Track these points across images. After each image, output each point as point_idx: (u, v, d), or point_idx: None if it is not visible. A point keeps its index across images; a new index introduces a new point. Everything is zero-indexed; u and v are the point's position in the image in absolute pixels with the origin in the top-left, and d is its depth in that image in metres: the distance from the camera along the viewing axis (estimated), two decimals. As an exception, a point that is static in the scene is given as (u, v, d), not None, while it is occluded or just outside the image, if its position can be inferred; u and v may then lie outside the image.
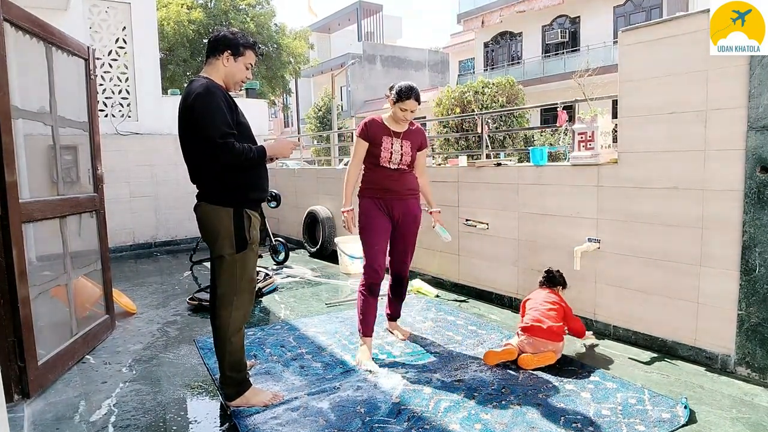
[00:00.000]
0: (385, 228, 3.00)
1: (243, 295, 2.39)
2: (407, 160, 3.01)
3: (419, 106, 2.95)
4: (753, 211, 2.56)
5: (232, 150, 2.19)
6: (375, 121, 3.02)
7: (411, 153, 3.02)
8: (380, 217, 2.99)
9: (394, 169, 2.99)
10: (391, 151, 2.97)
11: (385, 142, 2.96)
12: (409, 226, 3.08)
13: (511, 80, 11.64)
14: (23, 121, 2.80)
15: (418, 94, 2.96)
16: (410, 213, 3.05)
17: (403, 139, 3.01)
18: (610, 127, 3.40)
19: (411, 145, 3.03)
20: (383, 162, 2.97)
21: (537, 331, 2.80)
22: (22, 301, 2.55)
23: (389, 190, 3.00)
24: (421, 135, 3.12)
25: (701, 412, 2.30)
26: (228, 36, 2.38)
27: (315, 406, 2.43)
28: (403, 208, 3.03)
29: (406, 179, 3.04)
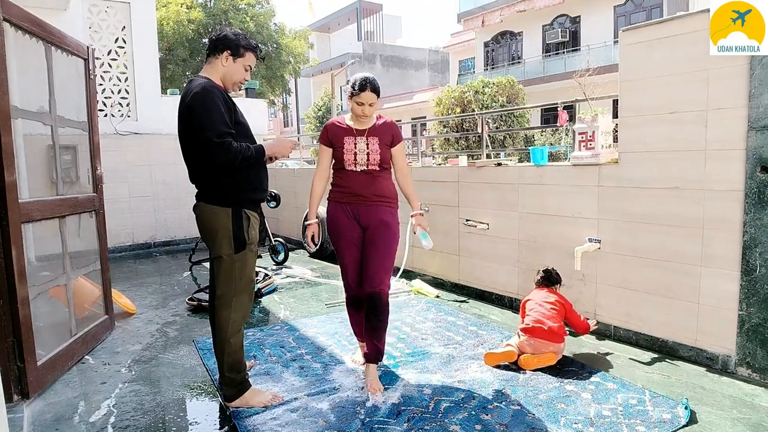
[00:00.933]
0: (355, 237, 2.69)
1: (242, 295, 2.39)
2: (376, 159, 2.65)
3: (377, 98, 2.64)
4: (753, 212, 2.56)
5: (230, 149, 2.18)
6: (334, 123, 2.75)
7: (380, 151, 2.66)
8: (348, 224, 2.69)
9: (361, 172, 2.66)
10: (355, 152, 2.65)
11: (348, 143, 2.65)
12: (381, 233, 2.67)
13: (512, 80, 11.65)
14: (23, 121, 2.79)
15: (376, 84, 2.62)
16: (379, 220, 2.67)
17: (369, 137, 2.67)
18: (610, 127, 3.39)
19: (379, 141, 2.67)
20: (348, 165, 2.66)
21: (538, 332, 2.80)
22: (21, 302, 2.54)
23: (354, 195, 2.68)
24: (391, 128, 2.74)
25: (702, 412, 2.29)
26: (229, 36, 2.37)
27: (315, 407, 2.43)
28: (370, 215, 2.67)
29: (376, 184, 2.68)
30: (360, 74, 2.64)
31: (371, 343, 2.66)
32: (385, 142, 2.70)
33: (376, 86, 2.63)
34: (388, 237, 2.68)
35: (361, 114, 2.63)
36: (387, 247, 2.68)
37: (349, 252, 2.70)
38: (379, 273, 2.64)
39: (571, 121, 4.16)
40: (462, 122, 10.69)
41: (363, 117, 2.65)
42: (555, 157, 8.20)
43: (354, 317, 2.88)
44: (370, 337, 2.66)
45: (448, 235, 4.49)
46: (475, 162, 4.28)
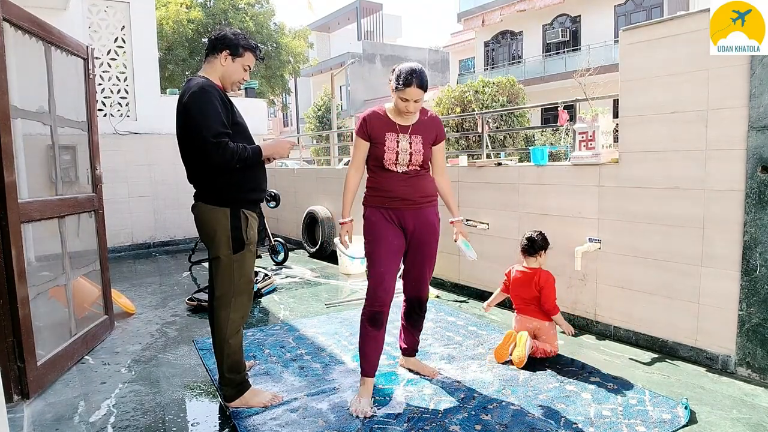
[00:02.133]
0: (396, 245, 2.46)
1: (241, 296, 2.38)
2: (419, 160, 2.44)
3: (425, 93, 2.36)
4: (754, 212, 2.55)
5: (225, 149, 2.17)
6: (376, 114, 2.48)
7: (423, 151, 2.44)
8: (390, 230, 2.45)
9: (403, 173, 2.44)
10: (397, 151, 2.41)
11: (389, 140, 2.41)
12: (427, 238, 2.52)
13: (512, 79, 11.64)
14: (22, 121, 2.79)
15: (423, 78, 2.32)
16: (427, 223, 2.50)
17: (412, 135, 2.44)
18: (611, 127, 3.39)
19: (423, 140, 2.45)
20: (388, 165, 2.42)
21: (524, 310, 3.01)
22: (21, 302, 2.54)
23: (399, 199, 2.44)
24: (436, 126, 2.53)
25: (702, 412, 2.29)
26: (228, 36, 2.36)
27: (314, 407, 2.43)
28: (418, 218, 2.47)
29: (419, 184, 2.48)
30: (406, 65, 2.35)
31: (413, 339, 2.76)
32: (429, 140, 2.49)
33: (425, 80, 2.33)
34: (435, 242, 2.57)
35: (405, 111, 2.39)
36: (434, 253, 2.58)
37: (389, 262, 2.43)
38: (426, 279, 2.61)
39: (571, 121, 4.16)
40: (462, 122, 10.68)
41: (408, 114, 2.42)
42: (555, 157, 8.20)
43: (372, 339, 2.45)
44: (412, 334, 2.74)
45: (448, 235, 4.48)
46: (475, 162, 4.28)
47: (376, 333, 2.45)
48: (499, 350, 2.90)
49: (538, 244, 3.06)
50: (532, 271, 3.01)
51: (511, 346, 2.89)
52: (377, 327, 2.44)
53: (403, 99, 2.35)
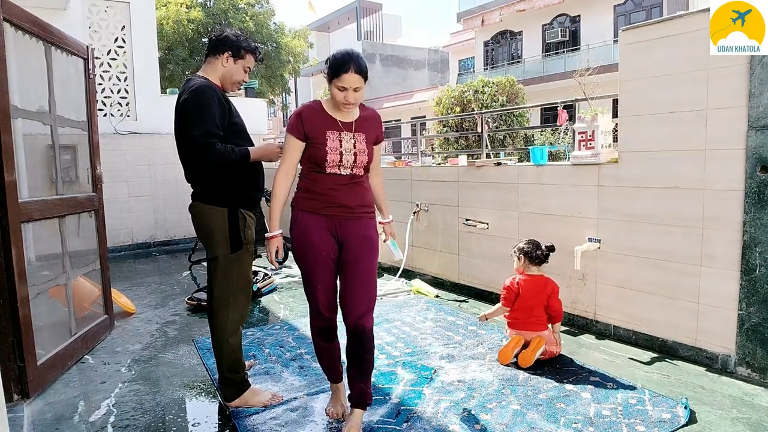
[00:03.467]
0: (330, 256, 2.16)
1: (239, 295, 2.39)
2: (364, 161, 2.15)
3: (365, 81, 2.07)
4: (753, 211, 2.56)
5: (212, 150, 2.19)
6: (311, 108, 2.15)
7: (368, 151, 2.16)
8: (324, 240, 2.14)
9: (346, 176, 2.14)
10: (341, 151, 2.10)
11: (331, 140, 2.10)
12: (363, 254, 2.16)
13: (512, 79, 11.63)
14: (22, 121, 2.79)
15: (361, 63, 2.05)
16: (365, 238, 2.17)
17: (356, 132, 2.15)
18: (610, 127, 3.39)
19: (366, 139, 2.17)
20: (330, 168, 2.11)
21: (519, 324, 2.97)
22: (21, 301, 2.54)
23: (337, 205, 2.14)
24: (378, 122, 2.27)
25: (701, 412, 2.30)
26: (230, 37, 2.39)
27: (314, 407, 2.43)
28: (354, 231, 2.16)
29: (360, 191, 2.18)
30: (341, 50, 2.08)
31: (358, 386, 2.19)
32: (371, 139, 2.21)
33: (363, 65, 2.06)
34: (372, 256, 2.20)
35: (344, 102, 2.07)
36: (371, 270, 2.20)
37: (323, 273, 2.16)
38: (364, 302, 2.15)
39: (570, 121, 4.16)
40: (462, 122, 10.68)
41: (348, 107, 2.09)
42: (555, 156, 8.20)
43: (325, 351, 2.31)
44: (356, 380, 2.19)
45: (448, 234, 4.49)
46: (474, 161, 4.28)
47: (328, 345, 2.29)
48: (504, 352, 2.89)
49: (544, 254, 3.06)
50: (541, 278, 3.02)
51: (517, 351, 2.88)
52: (328, 340, 2.28)
53: (341, 88, 2.04)
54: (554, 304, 2.96)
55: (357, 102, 2.10)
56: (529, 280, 2.99)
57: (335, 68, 2.02)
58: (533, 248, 3.04)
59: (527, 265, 3.04)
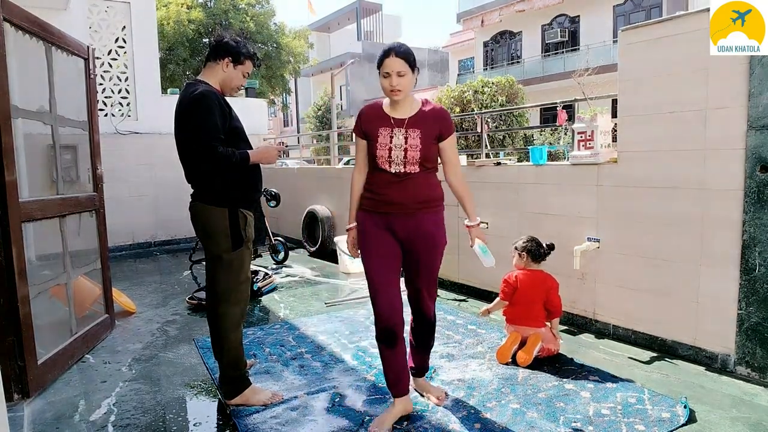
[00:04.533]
0: (390, 252, 2.20)
1: (239, 291, 2.43)
2: (415, 157, 2.11)
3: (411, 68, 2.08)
4: (753, 211, 2.56)
5: (214, 154, 2.24)
6: (371, 107, 2.23)
7: (421, 147, 2.11)
8: (381, 237, 2.19)
9: (396, 174, 2.13)
10: (390, 147, 2.11)
11: (382, 136, 2.13)
12: (421, 249, 2.20)
13: (511, 79, 11.65)
14: (23, 121, 2.80)
15: (403, 48, 2.07)
16: (420, 233, 2.18)
17: (409, 128, 2.12)
18: (609, 127, 3.40)
19: (422, 134, 2.11)
20: (381, 163, 2.14)
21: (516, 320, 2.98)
22: (21, 300, 2.55)
23: (389, 203, 2.16)
24: (440, 119, 2.17)
25: (701, 411, 2.30)
26: (230, 43, 2.44)
27: (315, 406, 2.43)
28: (409, 226, 2.16)
29: (415, 187, 2.15)
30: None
31: (420, 357, 2.44)
32: (430, 135, 2.14)
33: (404, 50, 2.06)
34: (435, 256, 2.24)
35: (390, 89, 2.08)
36: (432, 268, 2.26)
37: (381, 274, 2.18)
38: (424, 296, 2.28)
39: (570, 121, 4.17)
40: (461, 122, 10.69)
41: (395, 93, 2.08)
42: (554, 156, 8.21)
43: (390, 358, 2.24)
44: (419, 352, 2.42)
45: (448, 234, 4.48)
46: (474, 161, 4.29)
47: (389, 351, 2.22)
48: (502, 351, 2.90)
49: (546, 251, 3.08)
50: (541, 273, 3.03)
51: (515, 348, 2.89)
52: (389, 344, 2.21)
53: (385, 74, 2.07)
54: (553, 299, 2.97)
55: (405, 89, 2.09)
56: (529, 274, 3.01)
57: (379, 58, 2.08)
58: (536, 246, 3.05)
59: (528, 262, 3.05)
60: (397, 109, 2.16)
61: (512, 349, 2.88)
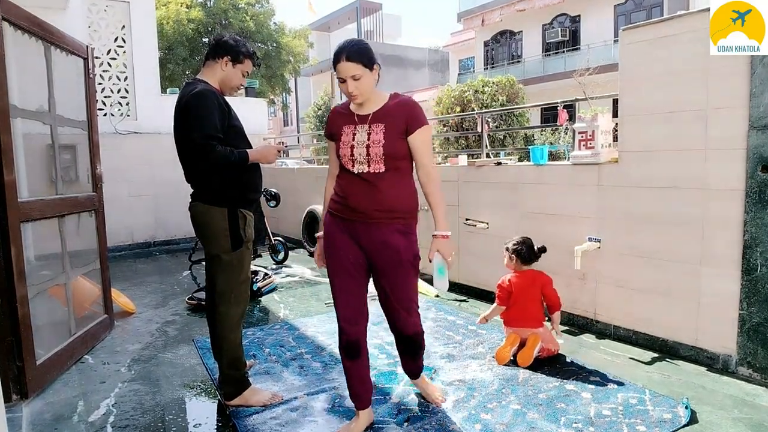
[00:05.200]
0: (352, 260, 2.06)
1: (239, 291, 2.42)
2: (378, 153, 1.94)
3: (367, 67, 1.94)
4: (754, 211, 2.55)
5: (212, 152, 2.22)
6: (336, 108, 2.14)
7: (384, 142, 1.94)
8: (345, 243, 2.05)
9: (359, 175, 1.98)
10: (352, 144, 1.97)
11: (345, 134, 2.02)
12: (383, 263, 2.03)
13: (512, 79, 11.63)
14: (22, 120, 2.79)
15: (354, 49, 1.92)
16: (382, 245, 2.01)
17: (372, 124, 1.97)
18: (610, 126, 3.39)
19: (385, 129, 1.95)
20: (345, 163, 2.01)
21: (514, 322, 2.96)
22: (20, 301, 2.54)
23: (351, 209, 2.01)
24: (406, 110, 2.00)
25: (703, 412, 2.29)
26: (230, 42, 2.44)
27: (314, 407, 2.42)
28: (372, 237, 2.00)
29: (380, 192, 1.97)
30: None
31: (410, 361, 2.33)
32: (395, 129, 1.97)
33: (355, 51, 1.92)
34: (403, 273, 2.07)
35: (348, 95, 1.97)
36: (401, 276, 2.08)
37: (341, 281, 2.08)
38: (400, 310, 2.12)
39: (571, 121, 4.16)
40: (462, 121, 10.68)
41: (354, 98, 1.97)
42: (555, 156, 8.20)
43: (351, 370, 2.13)
44: (407, 359, 2.33)
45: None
46: (474, 161, 4.28)
47: (350, 364, 2.12)
48: (501, 352, 2.89)
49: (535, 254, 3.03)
50: (531, 272, 3.01)
51: (514, 349, 2.88)
52: (351, 356, 2.10)
53: (340, 80, 1.95)
54: (549, 293, 2.96)
55: (363, 92, 1.96)
56: (520, 275, 3.00)
57: (333, 62, 1.97)
58: (525, 248, 3.02)
59: (518, 264, 3.04)
60: (362, 107, 2.04)
61: (511, 351, 2.87)
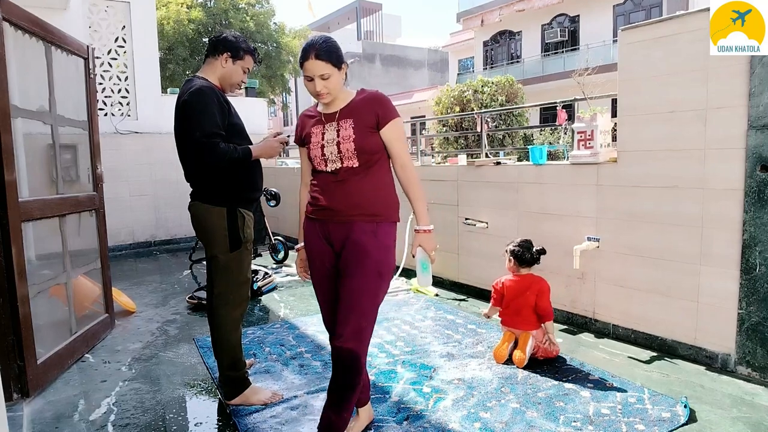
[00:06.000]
0: (325, 267, 1.96)
1: (239, 293, 2.42)
2: (350, 149, 1.84)
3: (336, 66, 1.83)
4: (753, 210, 2.56)
5: (215, 149, 2.20)
6: (305, 113, 2.05)
7: (355, 137, 1.84)
8: (321, 248, 1.94)
9: (332, 172, 1.89)
10: (322, 144, 1.88)
11: (315, 135, 1.92)
12: (350, 262, 1.85)
13: (511, 79, 11.63)
14: (23, 120, 2.79)
15: (323, 48, 1.80)
16: (352, 243, 1.85)
17: (341, 120, 1.88)
18: (609, 126, 3.40)
19: (355, 124, 1.86)
20: (317, 164, 1.92)
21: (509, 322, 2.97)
22: (21, 300, 2.55)
23: (324, 208, 1.91)
24: (374, 103, 1.90)
25: (701, 411, 2.30)
26: (229, 38, 2.42)
27: (315, 405, 2.43)
28: (342, 234, 1.88)
29: (352, 189, 1.87)
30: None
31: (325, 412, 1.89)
32: (364, 123, 1.87)
33: (327, 48, 1.81)
34: (364, 267, 1.83)
35: (316, 95, 1.86)
36: (360, 286, 1.83)
37: (321, 288, 2.01)
38: (348, 319, 1.80)
39: (570, 120, 4.17)
40: (461, 121, 10.68)
41: (322, 97, 1.86)
42: (554, 156, 8.21)
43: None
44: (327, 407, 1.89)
45: (447, 233, 4.49)
46: (474, 161, 4.29)
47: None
48: (497, 351, 2.90)
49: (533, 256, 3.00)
50: (528, 277, 2.98)
51: (510, 346, 2.89)
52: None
53: (308, 78, 1.83)
54: (541, 304, 2.89)
55: (332, 91, 1.86)
56: (516, 280, 2.97)
57: (299, 59, 1.84)
58: (522, 251, 3.00)
59: (516, 266, 3.03)
60: (330, 106, 1.93)
61: (507, 349, 2.87)
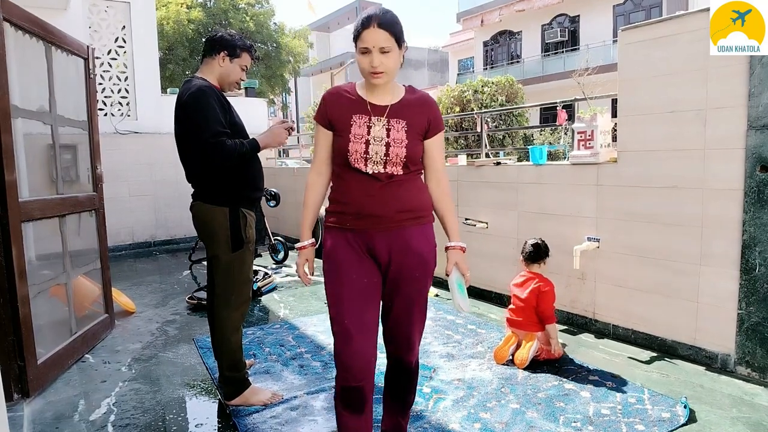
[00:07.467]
0: (367, 284, 1.67)
1: (240, 294, 2.41)
2: (400, 155, 1.62)
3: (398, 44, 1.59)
4: (753, 210, 2.56)
5: (224, 148, 2.20)
6: (340, 90, 1.72)
7: (407, 142, 1.63)
8: (357, 263, 1.66)
9: (375, 175, 1.62)
10: (368, 140, 1.62)
11: (357, 125, 1.63)
12: (408, 272, 1.67)
13: (511, 79, 11.63)
14: (23, 120, 2.79)
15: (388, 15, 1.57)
16: (408, 251, 1.65)
17: (392, 118, 1.65)
18: (609, 126, 3.40)
19: (408, 127, 1.65)
20: (355, 161, 1.63)
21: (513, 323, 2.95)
22: (21, 300, 2.55)
23: (367, 216, 1.64)
24: (428, 109, 1.70)
25: (701, 411, 2.30)
26: (225, 37, 2.42)
27: (314, 406, 2.43)
28: (394, 243, 1.65)
29: (400, 193, 1.65)
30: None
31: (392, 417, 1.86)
32: (417, 128, 1.67)
33: (391, 19, 1.57)
34: (424, 277, 1.70)
35: (370, 70, 1.58)
36: (420, 297, 1.72)
37: (358, 310, 1.65)
38: (409, 334, 1.73)
39: (570, 120, 4.17)
40: (461, 121, 10.67)
41: (377, 76, 1.59)
42: (554, 156, 8.21)
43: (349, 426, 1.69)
44: (392, 408, 1.86)
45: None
46: (474, 161, 4.29)
47: (352, 420, 1.67)
48: (499, 351, 2.90)
49: (543, 251, 3.06)
50: (535, 277, 3.00)
51: (512, 348, 2.89)
52: (353, 410, 1.66)
53: (363, 50, 1.57)
54: (542, 306, 2.88)
55: (389, 70, 1.59)
56: (527, 278, 3.01)
57: (356, 28, 1.59)
58: (531, 247, 3.06)
59: (525, 263, 3.07)
60: (376, 94, 1.66)
61: (508, 350, 2.88)
